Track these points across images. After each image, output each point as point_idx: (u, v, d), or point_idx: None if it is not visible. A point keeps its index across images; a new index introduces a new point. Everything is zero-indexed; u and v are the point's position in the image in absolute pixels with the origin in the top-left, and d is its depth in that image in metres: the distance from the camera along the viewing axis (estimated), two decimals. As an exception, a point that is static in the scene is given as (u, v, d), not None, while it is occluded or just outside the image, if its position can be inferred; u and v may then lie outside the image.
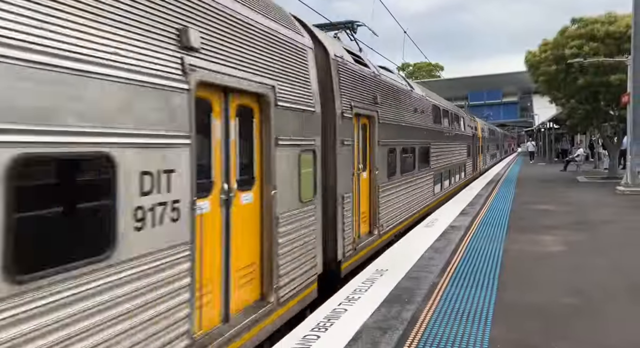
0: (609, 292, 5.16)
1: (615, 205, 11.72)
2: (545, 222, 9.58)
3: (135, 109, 2.83)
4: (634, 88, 14.05)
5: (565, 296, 5.01)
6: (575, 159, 23.97)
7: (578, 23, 18.29)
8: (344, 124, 6.30)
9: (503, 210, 11.13)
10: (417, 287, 5.42)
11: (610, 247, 7.34)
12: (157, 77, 3.01)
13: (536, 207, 11.74)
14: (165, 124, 3.07)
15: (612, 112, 18.65)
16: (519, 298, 5.02)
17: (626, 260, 6.48)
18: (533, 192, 15.27)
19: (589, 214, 10.43)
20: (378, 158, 7.79)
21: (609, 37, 16.99)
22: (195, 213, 3.38)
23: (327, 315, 4.55)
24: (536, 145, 45.39)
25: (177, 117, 3.18)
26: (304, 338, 4.04)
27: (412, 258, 6.68)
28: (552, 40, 18.68)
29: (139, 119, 2.85)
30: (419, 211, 10.74)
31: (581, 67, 17.20)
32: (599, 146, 25.20)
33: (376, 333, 4.13)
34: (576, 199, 13.06)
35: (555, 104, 22.75)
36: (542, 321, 4.34)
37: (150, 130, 2.95)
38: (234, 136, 4.04)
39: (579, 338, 3.95)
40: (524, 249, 7.23)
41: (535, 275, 5.84)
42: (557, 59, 17.97)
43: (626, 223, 9.26)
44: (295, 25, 5.49)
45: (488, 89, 60.97)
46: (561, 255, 6.88)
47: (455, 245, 7.51)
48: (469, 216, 10.36)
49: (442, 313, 4.59)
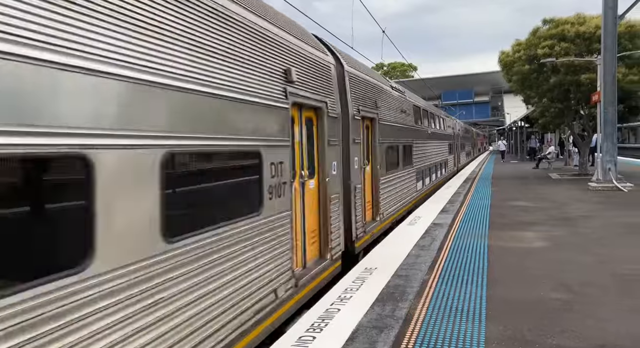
0: (597, 285, 5.23)
1: (589, 201, 12.02)
2: (525, 218, 9.73)
3: (267, 122, 4.54)
4: (604, 88, 14.46)
5: (555, 291, 5.05)
6: (547, 156, 24.57)
7: (549, 24, 18.73)
8: (354, 125, 7.56)
9: (483, 207, 11.27)
10: (408, 284, 5.38)
11: (592, 241, 7.48)
12: (277, 101, 4.74)
13: (514, 203, 11.93)
14: (279, 132, 4.79)
15: (582, 111, 19.18)
16: (509, 294, 5.03)
17: (609, 254, 6.60)
18: (509, 189, 15.54)
19: (566, 210, 10.65)
20: (378, 154, 9.02)
21: (579, 38, 17.44)
22: (292, 190, 5.08)
23: (321, 315, 4.46)
24: (507, 144, 46.25)
25: (284, 127, 4.87)
26: (299, 339, 3.93)
27: (399, 256, 6.65)
28: (525, 41, 19.05)
29: (267, 129, 4.53)
30: (410, 202, 12.28)
31: (553, 66, 17.62)
32: (569, 144, 25.92)
33: (372, 332, 4.05)
34: (552, 195, 13.34)
35: (526, 103, 23.25)
36: (536, 316, 4.35)
37: (274, 136, 4.65)
38: (305, 139, 5.76)
39: (575, 331, 3.96)
40: (508, 245, 7.30)
41: (522, 271, 5.89)
42: (530, 58, 18.34)
43: (603, 218, 9.48)
44: (322, 46, 6.82)
45: (460, 89, 62.06)
46: (545, 250, 6.97)
47: (440, 243, 7.52)
48: (450, 214, 10.44)
49: (435, 311, 4.56)
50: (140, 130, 2.86)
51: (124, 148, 2.71)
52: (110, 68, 2.61)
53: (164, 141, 3.06)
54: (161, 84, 3.06)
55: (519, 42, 19.33)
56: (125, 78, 2.74)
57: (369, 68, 9.85)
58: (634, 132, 53.52)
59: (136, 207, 2.79)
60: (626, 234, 7.93)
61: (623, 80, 15.74)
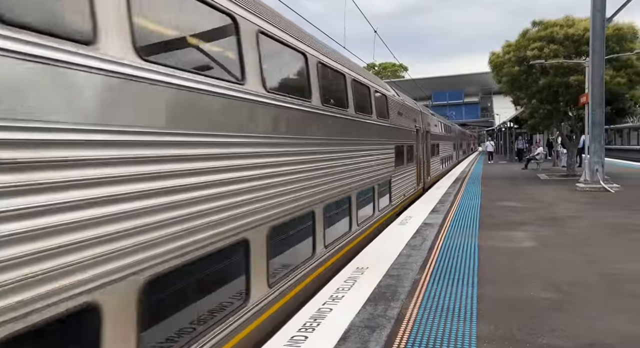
0: (585, 285, 5.30)
1: (577, 201, 12.16)
2: (515, 218, 9.82)
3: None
4: (592, 89, 14.64)
5: (544, 290, 5.11)
6: (535, 157, 24.82)
7: (538, 26, 18.90)
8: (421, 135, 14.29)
9: (473, 208, 11.35)
10: (399, 284, 5.40)
11: (580, 241, 7.57)
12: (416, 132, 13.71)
13: (504, 203, 12.03)
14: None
15: (570, 113, 19.39)
16: (500, 293, 5.07)
17: (597, 254, 6.69)
18: (499, 189, 15.67)
19: (554, 210, 10.77)
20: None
21: (567, 40, 17.62)
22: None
23: (313, 315, 4.46)
24: (496, 145, 46.38)
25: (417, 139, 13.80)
26: (291, 339, 3.93)
27: (390, 256, 6.67)
28: (515, 42, 19.20)
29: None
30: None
31: (542, 68, 17.79)
32: (557, 144, 26.20)
33: (364, 332, 4.06)
34: (540, 196, 13.47)
35: (515, 104, 23.44)
36: (526, 315, 4.39)
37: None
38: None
39: (564, 330, 4.01)
40: (498, 245, 7.36)
41: (512, 271, 5.94)
42: (520, 60, 18.49)
43: (591, 218, 9.60)
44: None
45: (450, 90, 62.44)
46: (534, 250, 7.04)
47: (431, 242, 7.56)
48: (441, 214, 10.50)
49: (427, 310, 4.58)
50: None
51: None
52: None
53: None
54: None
55: (509, 43, 19.47)
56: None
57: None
58: (620, 133, 54.25)
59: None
60: (613, 234, 8.04)
61: (611, 83, 15.94)
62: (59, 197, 2.31)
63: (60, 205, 2.32)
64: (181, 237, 3.17)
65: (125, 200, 2.70)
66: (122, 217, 2.68)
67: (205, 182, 3.48)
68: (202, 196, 3.44)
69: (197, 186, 3.39)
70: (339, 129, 7.07)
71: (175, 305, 3.39)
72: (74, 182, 2.39)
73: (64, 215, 2.33)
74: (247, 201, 4.11)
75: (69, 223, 2.35)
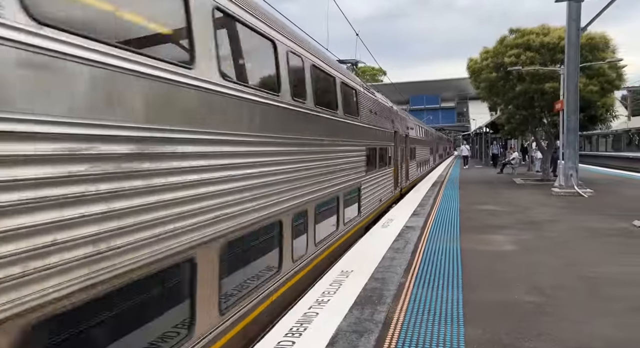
0: (567, 288, 5.35)
1: (553, 205, 12.40)
2: (494, 222, 9.93)
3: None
4: (567, 96, 14.98)
5: (528, 294, 5.14)
6: (510, 161, 25.30)
7: (515, 33, 19.29)
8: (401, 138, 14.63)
9: (452, 210, 11.44)
10: (385, 287, 5.36)
11: (559, 245, 7.68)
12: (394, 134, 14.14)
13: (482, 207, 12.17)
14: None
15: (544, 120, 19.83)
16: (485, 297, 5.08)
17: (575, 257, 6.79)
18: (476, 193, 15.87)
19: (532, 214, 10.94)
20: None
21: (543, 48, 18.03)
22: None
23: (299, 319, 4.37)
24: (471, 149, 47.04)
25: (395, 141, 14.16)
26: (278, 344, 3.83)
27: (374, 259, 6.63)
28: (492, 49, 19.55)
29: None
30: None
31: (519, 74, 18.15)
32: (532, 149, 26.76)
33: (352, 336, 3.99)
34: (517, 200, 13.69)
35: (492, 110, 23.87)
36: (513, 319, 4.40)
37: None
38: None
39: (551, 334, 4.02)
40: (480, 248, 7.40)
41: (495, 274, 5.97)
42: (497, 66, 18.83)
43: (567, 222, 9.78)
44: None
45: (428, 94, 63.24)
46: (515, 253, 7.11)
47: (414, 245, 7.56)
48: (422, 217, 10.54)
49: (414, 314, 4.54)
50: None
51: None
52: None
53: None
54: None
55: (487, 49, 19.80)
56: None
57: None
58: (589, 140, 55.93)
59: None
60: (589, 238, 8.20)
61: (584, 90, 16.36)
62: (188, 178, 3.40)
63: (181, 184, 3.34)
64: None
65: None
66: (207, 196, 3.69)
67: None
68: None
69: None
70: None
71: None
72: (190, 169, 3.42)
73: (184, 192, 3.35)
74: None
75: (186, 197, 3.36)
